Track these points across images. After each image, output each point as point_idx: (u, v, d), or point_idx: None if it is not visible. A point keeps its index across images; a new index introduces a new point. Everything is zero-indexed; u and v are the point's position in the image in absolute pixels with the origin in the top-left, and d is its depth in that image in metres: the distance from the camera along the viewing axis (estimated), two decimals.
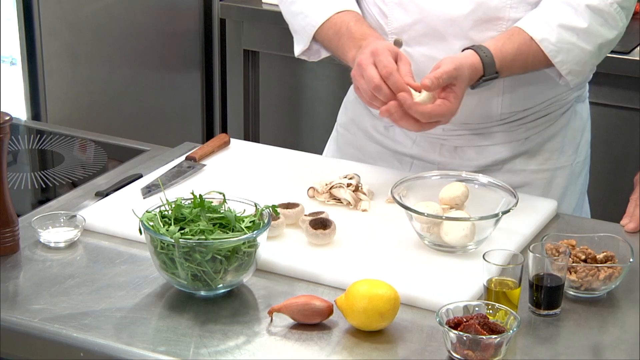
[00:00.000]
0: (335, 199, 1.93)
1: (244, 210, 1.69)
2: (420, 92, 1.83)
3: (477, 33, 1.95)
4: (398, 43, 2.00)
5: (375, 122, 2.15)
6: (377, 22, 2.04)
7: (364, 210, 1.91)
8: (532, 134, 2.09)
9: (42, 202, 1.98)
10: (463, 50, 1.90)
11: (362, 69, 1.84)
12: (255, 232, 1.62)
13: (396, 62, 1.85)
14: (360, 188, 1.94)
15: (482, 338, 1.47)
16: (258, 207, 1.68)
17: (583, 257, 1.69)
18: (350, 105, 2.23)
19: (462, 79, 1.83)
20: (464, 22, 1.95)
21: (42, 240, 1.79)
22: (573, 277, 1.65)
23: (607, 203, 2.70)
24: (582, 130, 2.17)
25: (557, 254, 1.66)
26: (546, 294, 1.61)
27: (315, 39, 2.04)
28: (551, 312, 1.62)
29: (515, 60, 1.90)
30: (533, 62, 1.92)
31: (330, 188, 1.92)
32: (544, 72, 1.97)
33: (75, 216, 1.83)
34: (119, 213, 1.87)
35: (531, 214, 1.89)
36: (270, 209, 1.68)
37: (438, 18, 1.96)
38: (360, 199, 1.92)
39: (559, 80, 1.97)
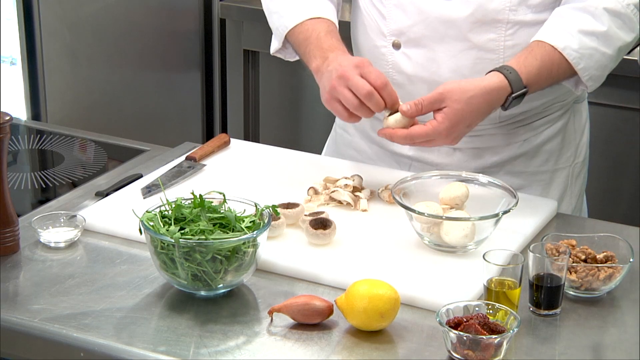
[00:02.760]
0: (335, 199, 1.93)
1: (244, 210, 1.70)
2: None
3: (476, 35, 1.95)
4: (396, 45, 2.00)
5: (373, 123, 2.14)
6: (376, 23, 2.04)
7: (364, 210, 1.91)
8: (530, 135, 2.09)
9: (42, 202, 1.98)
10: (487, 74, 1.88)
11: (347, 79, 1.83)
12: (255, 232, 1.62)
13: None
14: (361, 188, 1.94)
15: (482, 338, 1.47)
16: (258, 207, 1.68)
17: (583, 257, 1.69)
18: None
19: (453, 99, 1.81)
20: (463, 24, 1.94)
21: (42, 240, 1.79)
22: (573, 277, 1.65)
23: (606, 203, 2.70)
24: (582, 131, 2.17)
25: (557, 254, 1.66)
26: (546, 294, 1.61)
27: (287, 39, 2.04)
28: (551, 312, 1.62)
29: (541, 71, 1.88)
30: (558, 72, 1.91)
31: (331, 192, 1.93)
32: None
33: (75, 216, 1.84)
34: (119, 213, 1.87)
35: (531, 214, 1.89)
36: (270, 209, 1.68)
37: (437, 20, 1.96)
38: (360, 197, 1.92)
39: (575, 89, 1.97)
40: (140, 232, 1.63)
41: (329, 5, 2.04)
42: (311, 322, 1.57)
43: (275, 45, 2.08)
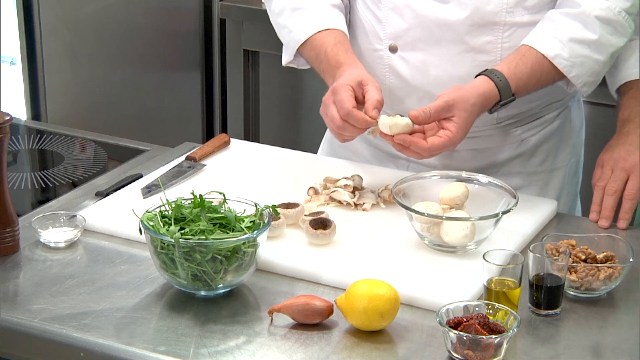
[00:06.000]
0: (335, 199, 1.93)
1: (244, 210, 1.70)
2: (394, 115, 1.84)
3: (473, 38, 1.95)
4: (393, 49, 2.00)
5: None
6: (372, 27, 2.03)
7: (364, 210, 1.91)
8: (527, 136, 2.09)
9: (42, 202, 1.98)
10: (476, 77, 1.89)
11: (325, 107, 1.86)
12: (255, 232, 1.62)
13: (364, 89, 1.84)
14: (361, 188, 1.94)
15: (482, 338, 1.47)
16: (258, 207, 1.68)
17: (583, 257, 1.69)
18: None
19: (460, 108, 1.82)
20: (460, 27, 1.94)
21: (42, 240, 1.79)
22: (573, 277, 1.65)
23: None
24: (578, 130, 2.17)
25: (557, 254, 1.66)
26: (546, 294, 1.61)
27: (300, 53, 2.05)
28: (551, 312, 1.62)
29: (530, 79, 1.89)
30: (547, 78, 1.92)
31: (331, 192, 1.93)
32: None
33: (75, 216, 1.84)
34: (119, 213, 1.87)
35: (531, 214, 1.89)
36: (270, 209, 1.68)
37: (434, 23, 1.95)
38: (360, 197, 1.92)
39: (567, 88, 1.97)
40: (140, 232, 1.63)
41: (335, 13, 2.03)
42: (311, 322, 1.57)
43: (286, 58, 2.08)
